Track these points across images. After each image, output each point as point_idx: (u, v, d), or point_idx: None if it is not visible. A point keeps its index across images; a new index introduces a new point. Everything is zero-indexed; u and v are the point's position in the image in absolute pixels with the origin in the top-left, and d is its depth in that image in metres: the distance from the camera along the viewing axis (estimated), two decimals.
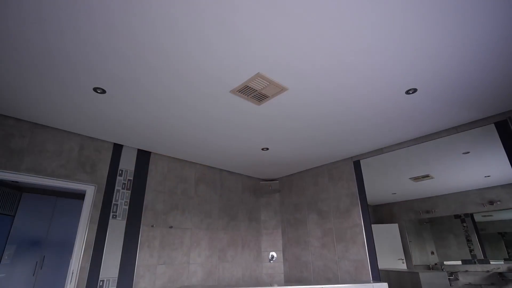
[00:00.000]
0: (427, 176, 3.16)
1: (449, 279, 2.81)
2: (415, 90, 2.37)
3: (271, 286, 2.40)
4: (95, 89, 2.28)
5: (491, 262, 2.63)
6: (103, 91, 2.31)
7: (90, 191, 3.00)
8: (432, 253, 2.98)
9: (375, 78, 2.20)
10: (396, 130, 3.10)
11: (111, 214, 3.05)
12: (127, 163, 3.33)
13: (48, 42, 1.79)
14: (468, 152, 2.91)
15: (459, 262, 2.79)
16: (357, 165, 3.82)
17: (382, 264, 3.30)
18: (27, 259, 4.67)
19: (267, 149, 3.57)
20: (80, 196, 5.33)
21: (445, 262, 2.88)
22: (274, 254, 4.41)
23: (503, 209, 2.65)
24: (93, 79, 2.16)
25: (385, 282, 2.38)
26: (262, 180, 4.87)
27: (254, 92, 2.34)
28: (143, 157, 3.50)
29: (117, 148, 3.30)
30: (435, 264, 2.93)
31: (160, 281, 3.22)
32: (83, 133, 3.05)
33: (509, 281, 2.51)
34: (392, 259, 3.24)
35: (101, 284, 2.80)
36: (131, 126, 2.92)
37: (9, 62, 1.97)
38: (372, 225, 3.50)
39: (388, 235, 3.34)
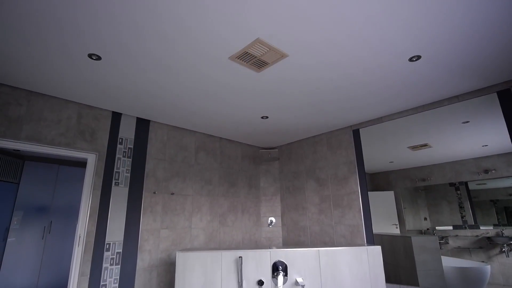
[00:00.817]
0: (425, 145, 3.18)
1: (439, 243, 2.94)
2: (419, 57, 2.31)
3: (270, 248, 2.52)
4: (90, 56, 2.22)
5: (481, 228, 2.73)
6: (98, 58, 2.25)
7: (91, 159, 3.03)
8: (425, 219, 3.09)
9: (379, 44, 2.13)
10: (397, 98, 3.06)
11: (114, 181, 3.11)
12: (127, 132, 3.34)
13: (39, 5, 1.70)
14: (467, 122, 2.90)
15: (450, 227, 2.91)
16: (356, 133, 3.83)
17: (377, 229, 3.44)
18: (35, 224, 4.85)
19: (267, 117, 3.55)
20: (82, 164, 5.40)
21: (437, 227, 3.00)
22: (273, 219, 4.57)
23: (497, 177, 2.71)
24: (87, 45, 2.09)
25: (379, 245, 2.49)
26: (261, 148, 4.91)
27: (254, 59, 2.28)
28: (143, 125, 3.49)
29: (116, 117, 3.29)
30: (427, 229, 3.06)
31: (164, 244, 3.37)
32: (81, 101, 3.01)
33: (496, 245, 2.63)
34: (386, 225, 3.37)
35: (107, 246, 2.94)
36: (129, 94, 2.88)
37: None
38: (369, 192, 3.59)
39: (383, 202, 3.44)
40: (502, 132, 2.72)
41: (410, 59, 2.33)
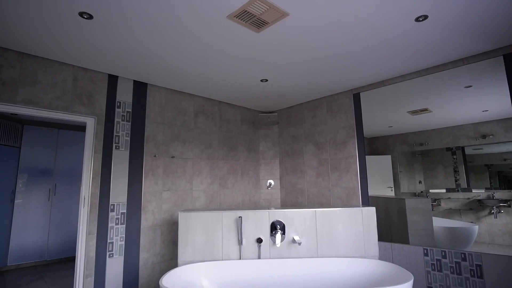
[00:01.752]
0: (425, 109, 3.16)
1: (432, 204, 3.06)
2: (425, 17, 2.21)
3: (268, 209, 2.62)
4: (80, 14, 2.11)
5: (473, 191, 2.82)
6: (90, 17, 2.14)
7: (90, 123, 3.03)
8: (420, 182, 3.17)
9: (386, 2, 2.02)
10: (400, 61, 2.98)
11: (114, 145, 3.14)
12: (124, 95, 3.29)
13: None
14: (470, 86, 2.86)
15: (444, 190, 3.00)
16: (356, 97, 3.79)
17: (372, 192, 3.55)
18: (40, 186, 4.97)
19: (266, 80, 3.49)
20: (81, 128, 5.40)
21: (430, 190, 3.10)
22: (272, 181, 4.69)
23: (494, 142, 2.73)
24: (78, 2, 1.98)
25: (373, 206, 2.59)
26: (261, 112, 4.88)
27: (253, 18, 2.18)
28: (140, 89, 3.43)
29: (112, 80, 3.22)
30: (421, 192, 3.16)
31: (166, 205, 3.50)
32: (75, 63, 2.93)
33: (486, 207, 2.73)
34: (382, 187, 3.47)
35: (112, 207, 3.05)
36: (123, 56, 2.79)
37: None
38: (366, 156, 3.64)
39: (380, 166, 3.50)
40: (503, 97, 2.69)
41: (417, 19, 2.23)
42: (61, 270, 4.55)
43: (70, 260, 5.01)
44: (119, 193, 3.12)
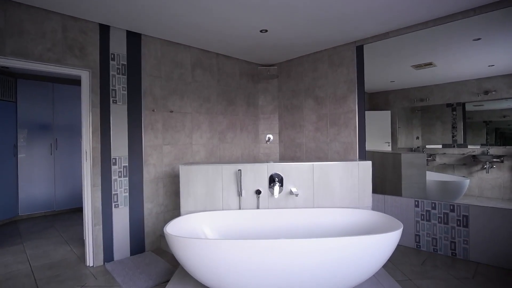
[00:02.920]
0: (429, 64, 3.07)
1: (427, 159, 3.13)
2: None
3: (267, 162, 2.68)
4: None
5: (469, 147, 2.87)
6: None
7: (85, 76, 2.95)
8: (417, 138, 3.21)
9: None
10: (407, 10, 2.81)
11: (111, 99, 3.10)
12: (118, 47, 3.16)
13: None
14: (479, 39, 2.73)
15: (440, 146, 3.05)
16: (359, 50, 3.64)
17: (370, 147, 3.60)
18: (41, 141, 5.01)
19: (266, 31, 3.32)
20: (76, 82, 5.27)
21: (427, 146, 3.15)
22: (271, 136, 4.72)
23: (496, 99, 2.71)
24: None
25: (370, 160, 2.66)
26: (260, 65, 4.73)
27: None
28: (134, 40, 3.28)
29: (104, 30, 3.06)
30: (418, 147, 3.21)
31: (167, 159, 3.57)
32: (63, 11, 2.75)
33: (479, 162, 2.81)
34: (379, 143, 3.52)
35: (114, 161, 3.11)
36: (114, 2, 2.61)
37: None
38: (366, 112, 3.63)
39: (379, 121, 3.51)
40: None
41: None
42: (70, 219, 4.80)
43: (78, 211, 5.26)
44: (120, 147, 3.16)
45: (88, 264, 2.97)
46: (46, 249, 3.45)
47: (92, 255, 2.97)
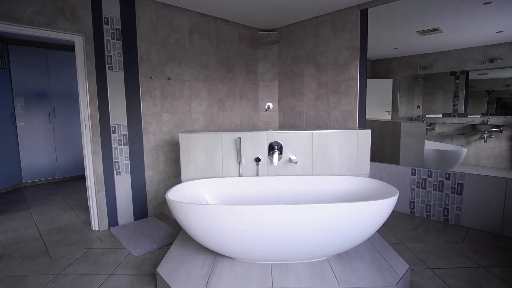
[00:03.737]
0: (436, 29, 2.95)
1: (426, 129, 3.14)
2: None
3: (267, 130, 2.68)
4: None
5: (469, 116, 2.86)
6: None
7: (78, 41, 2.85)
8: (418, 107, 3.19)
9: None
10: None
11: (107, 65, 3.02)
12: (111, 10, 3.01)
13: None
14: (489, 3, 2.61)
15: (440, 115, 3.04)
16: (363, 14, 3.49)
17: (370, 115, 3.58)
18: (39, 110, 4.96)
19: None
20: (70, 48, 5.09)
21: (427, 115, 3.13)
22: (270, 104, 4.67)
23: (501, 67, 2.64)
24: None
25: (369, 129, 2.66)
26: (260, 30, 4.56)
27: None
28: (127, 2, 3.12)
29: None
30: (418, 116, 3.20)
31: (166, 127, 3.57)
32: None
33: (478, 132, 2.81)
34: (379, 111, 3.49)
35: (113, 129, 3.11)
36: None
37: None
38: (368, 80, 3.56)
39: (380, 90, 3.46)
40: None
41: None
42: (73, 186, 4.90)
43: (80, 178, 5.36)
44: (118, 115, 3.14)
45: (93, 228, 3.09)
46: (52, 215, 3.56)
47: (97, 220, 3.08)
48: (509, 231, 2.75)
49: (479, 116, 2.79)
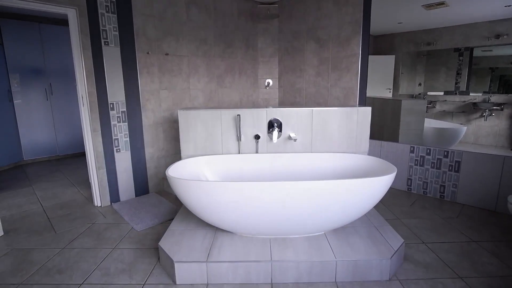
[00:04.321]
0: (442, 3, 2.85)
1: (427, 106, 3.11)
2: None
3: (266, 108, 2.67)
4: None
5: (471, 94, 2.83)
6: None
7: (71, 15, 2.75)
8: (420, 84, 3.14)
9: None
10: None
11: (102, 40, 2.94)
12: None
13: None
14: None
15: (442, 93, 3.01)
16: None
17: (370, 93, 3.54)
18: (35, 86, 4.89)
19: None
20: (63, 22, 4.93)
21: (428, 93, 3.10)
22: (270, 81, 4.61)
23: (506, 43, 2.58)
24: None
25: (369, 106, 2.64)
26: (259, 3, 4.40)
27: None
28: None
29: None
30: (419, 94, 3.16)
31: (165, 104, 3.53)
32: None
33: (479, 110, 2.80)
34: (380, 89, 3.45)
35: (111, 106, 3.08)
36: None
37: None
38: (369, 56, 3.48)
39: (382, 67, 3.40)
40: None
41: None
42: (74, 163, 4.93)
43: (81, 155, 5.38)
44: (116, 92, 3.10)
45: (96, 204, 3.15)
46: (54, 191, 3.62)
47: (99, 196, 3.13)
48: (503, 208, 2.81)
49: (480, 94, 2.76)
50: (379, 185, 1.95)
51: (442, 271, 1.96)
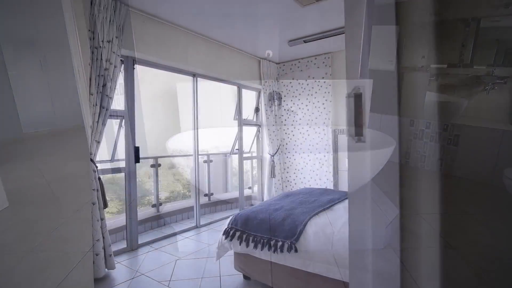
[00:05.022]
0: None
1: (429, 80, 3.04)
2: None
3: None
4: None
5: (474, 67, 2.75)
6: None
7: None
8: (423, 57, 3.05)
9: None
10: None
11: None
12: None
13: None
14: None
15: (445, 66, 2.93)
16: None
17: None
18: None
19: None
20: None
21: (431, 65, 3.02)
22: (270, 52, 4.48)
23: None
24: None
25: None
26: None
27: None
28: None
29: None
30: (422, 66, 3.08)
31: None
32: None
33: (481, 83, 2.74)
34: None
35: None
36: None
37: None
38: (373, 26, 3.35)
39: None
40: None
41: None
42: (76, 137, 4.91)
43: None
44: None
45: None
46: (57, 164, 3.63)
47: None
48: (498, 181, 2.84)
49: (484, 67, 2.69)
50: None
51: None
